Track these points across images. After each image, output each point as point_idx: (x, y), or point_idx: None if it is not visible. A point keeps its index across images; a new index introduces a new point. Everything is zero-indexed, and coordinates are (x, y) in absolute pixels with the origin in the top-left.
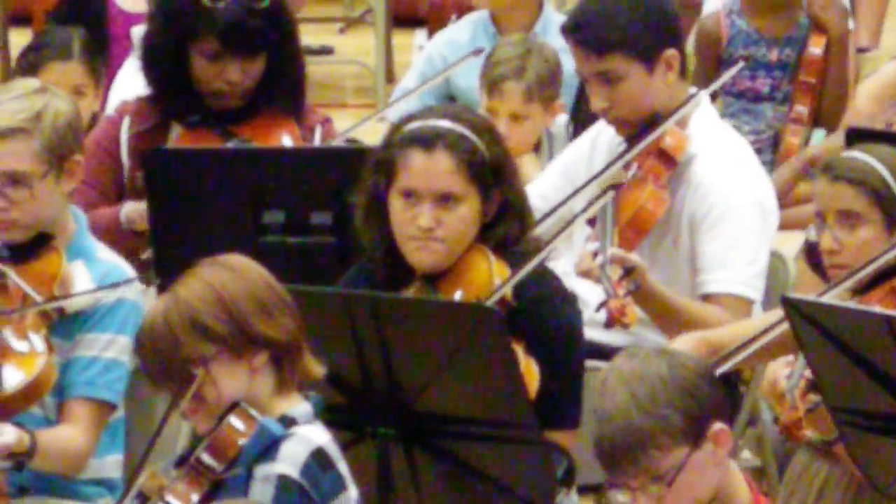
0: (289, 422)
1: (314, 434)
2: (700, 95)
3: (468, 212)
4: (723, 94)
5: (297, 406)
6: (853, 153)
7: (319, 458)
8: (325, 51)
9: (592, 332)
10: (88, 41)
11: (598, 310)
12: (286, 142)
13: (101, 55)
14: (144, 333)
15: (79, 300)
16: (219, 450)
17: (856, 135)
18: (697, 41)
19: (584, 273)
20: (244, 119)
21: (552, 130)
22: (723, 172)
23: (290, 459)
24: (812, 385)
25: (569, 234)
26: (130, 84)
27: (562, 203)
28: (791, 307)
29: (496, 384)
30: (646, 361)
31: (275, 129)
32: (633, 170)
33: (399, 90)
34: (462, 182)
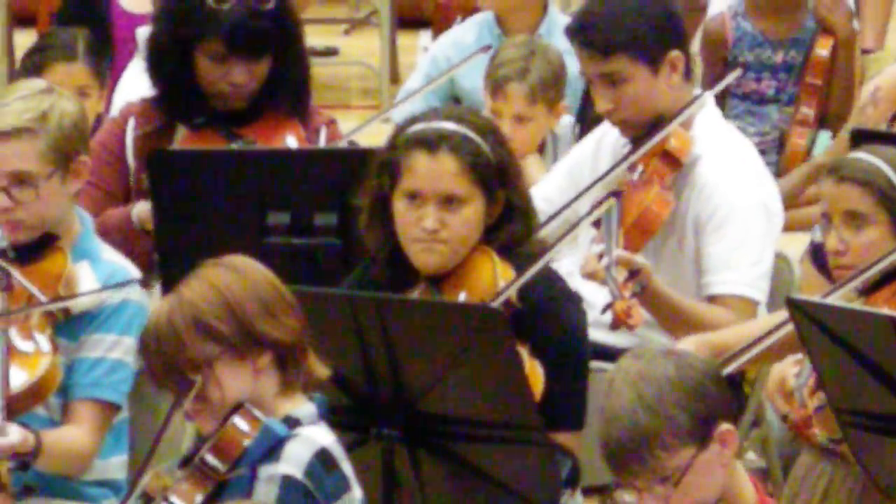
0: (293, 422)
1: (318, 435)
2: (704, 97)
3: (472, 213)
4: (728, 96)
5: (302, 407)
6: (859, 154)
7: (323, 459)
8: (330, 52)
9: (598, 334)
10: (93, 42)
11: (604, 312)
12: (291, 143)
13: (106, 56)
14: (149, 334)
15: (84, 301)
16: (223, 450)
17: (861, 136)
18: (703, 43)
19: (590, 275)
20: (249, 120)
21: (557, 132)
22: (727, 174)
23: (294, 460)
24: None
25: (574, 237)
26: (135, 85)
27: (566, 205)
28: (796, 308)
29: (501, 385)
30: (652, 362)
31: (280, 131)
32: (638, 171)
33: (404, 91)
34: (466, 184)
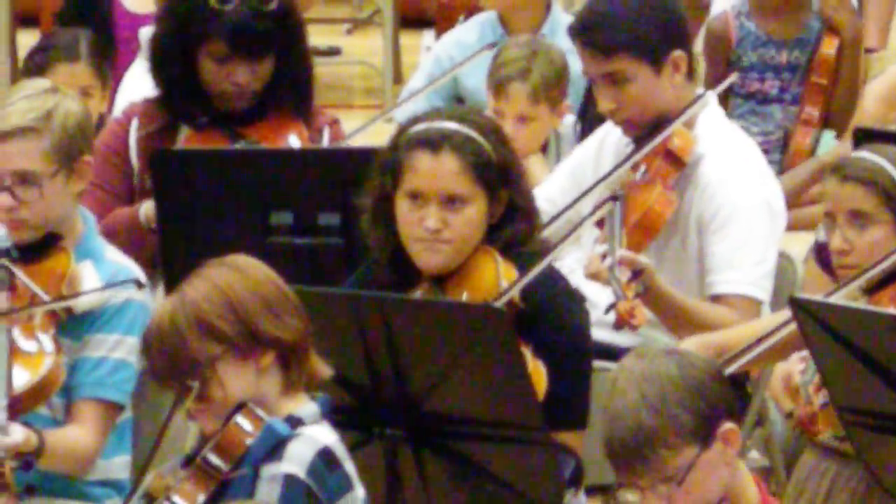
0: (295, 422)
1: (321, 434)
2: (707, 96)
3: (475, 213)
4: (731, 96)
5: (304, 406)
6: (862, 153)
7: (326, 458)
8: (333, 52)
9: (600, 333)
10: (95, 42)
11: (608, 312)
12: (294, 143)
13: (108, 57)
14: (151, 334)
15: (87, 301)
16: (225, 450)
17: (863, 135)
18: (706, 42)
19: (593, 275)
20: (252, 120)
21: (560, 131)
22: (730, 173)
23: (297, 459)
24: None
25: (577, 237)
26: (138, 85)
27: (569, 205)
28: (799, 307)
29: (504, 385)
30: (655, 362)
31: (283, 131)
32: (641, 171)
33: (407, 91)
34: (468, 183)
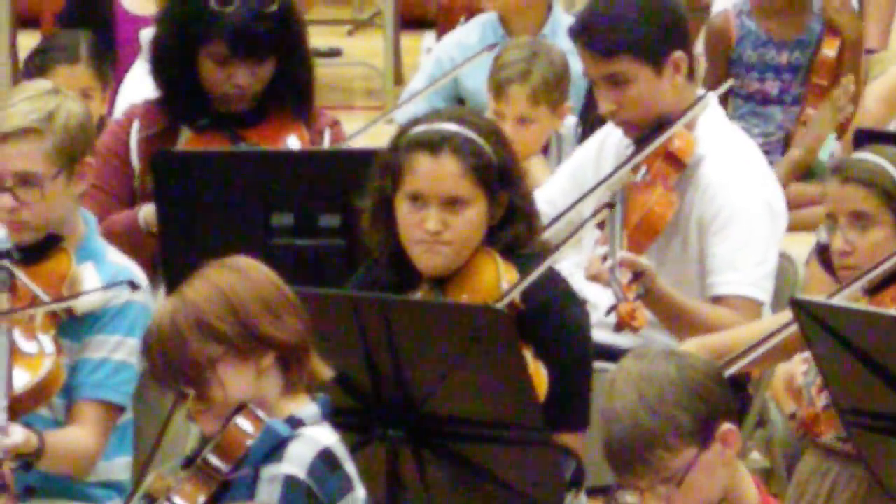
0: (296, 423)
1: (321, 435)
2: (708, 97)
3: (475, 215)
4: (732, 97)
5: (305, 407)
6: (863, 154)
7: (326, 459)
8: (334, 53)
9: (601, 334)
10: (95, 44)
11: (608, 314)
12: (295, 145)
13: (108, 58)
14: (151, 335)
15: (87, 302)
16: (226, 451)
17: (864, 136)
18: (706, 40)
19: (594, 277)
20: (253, 122)
21: (561, 132)
22: (731, 174)
23: (297, 460)
24: None
25: (577, 239)
26: (139, 87)
27: (570, 207)
28: (800, 309)
29: (505, 386)
30: (654, 362)
31: (284, 133)
32: (642, 173)
33: (408, 92)
34: (469, 185)
